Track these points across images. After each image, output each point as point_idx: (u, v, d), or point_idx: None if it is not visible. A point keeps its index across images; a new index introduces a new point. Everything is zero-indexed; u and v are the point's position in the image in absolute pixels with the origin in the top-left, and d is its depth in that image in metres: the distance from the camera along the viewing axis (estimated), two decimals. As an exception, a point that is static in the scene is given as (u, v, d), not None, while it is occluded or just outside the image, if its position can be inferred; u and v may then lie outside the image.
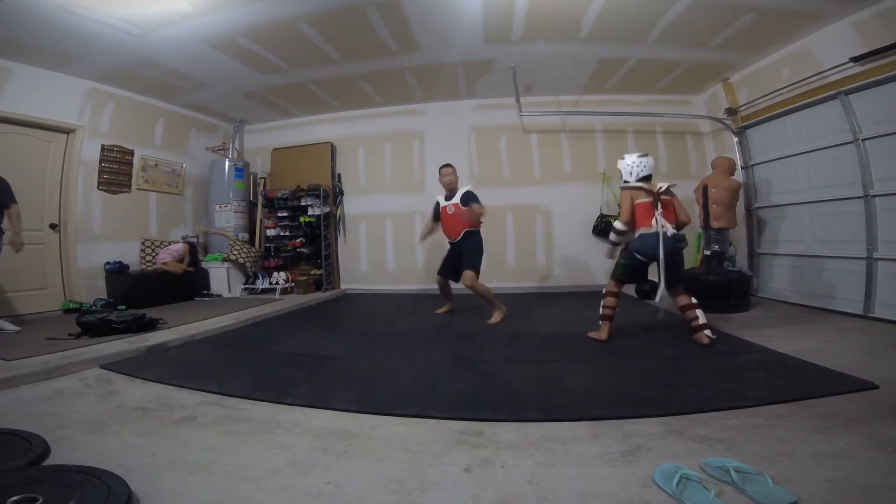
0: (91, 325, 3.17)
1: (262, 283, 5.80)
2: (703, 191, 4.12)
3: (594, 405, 1.87)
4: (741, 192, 4.31)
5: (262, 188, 6.42)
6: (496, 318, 3.71)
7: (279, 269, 6.04)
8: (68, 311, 4.25)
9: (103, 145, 4.85)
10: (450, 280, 4.02)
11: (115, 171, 4.99)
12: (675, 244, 2.80)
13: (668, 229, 2.79)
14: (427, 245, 5.94)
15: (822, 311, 3.78)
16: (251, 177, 6.51)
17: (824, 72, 3.75)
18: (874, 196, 3.48)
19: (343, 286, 6.28)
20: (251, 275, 5.91)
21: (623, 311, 3.52)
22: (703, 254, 4.31)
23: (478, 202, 3.73)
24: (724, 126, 5.11)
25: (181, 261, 5.30)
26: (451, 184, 3.89)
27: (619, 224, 2.94)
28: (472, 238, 3.78)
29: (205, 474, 1.39)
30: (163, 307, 4.53)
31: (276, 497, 1.26)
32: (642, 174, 2.92)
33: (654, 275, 3.01)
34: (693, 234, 5.03)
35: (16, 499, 1.13)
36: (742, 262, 4.61)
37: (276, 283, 5.74)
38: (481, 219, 3.77)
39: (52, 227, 4.51)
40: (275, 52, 4.32)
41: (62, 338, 3.05)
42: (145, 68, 4.48)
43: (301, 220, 6.00)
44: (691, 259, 5.05)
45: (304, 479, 1.35)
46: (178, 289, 5.14)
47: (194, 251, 5.59)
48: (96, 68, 4.38)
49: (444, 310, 4.21)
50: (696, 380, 2.14)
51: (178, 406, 2.00)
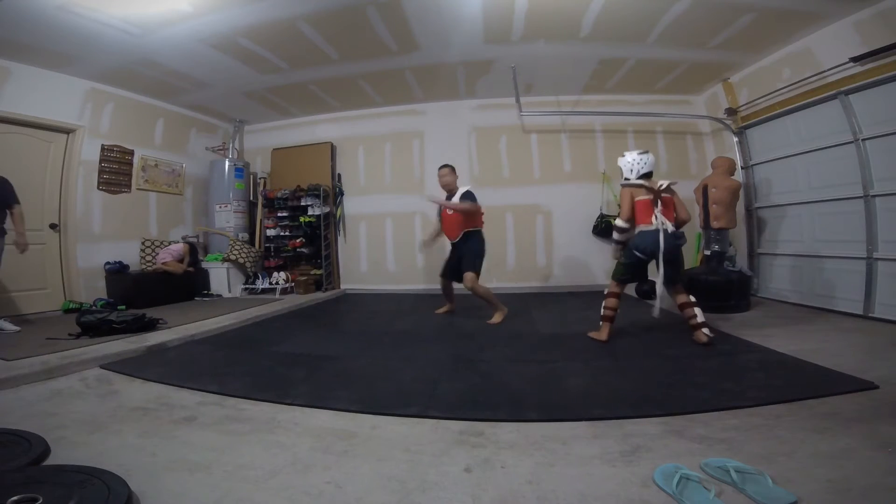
0: (91, 325, 3.17)
1: (262, 283, 5.80)
2: (703, 191, 4.12)
3: (594, 405, 1.87)
4: (741, 192, 4.31)
5: (262, 188, 6.42)
6: (497, 318, 3.71)
7: (279, 269, 6.04)
8: (68, 311, 4.25)
9: (103, 145, 4.85)
10: (452, 281, 4.03)
11: (115, 171, 4.99)
12: (674, 241, 2.81)
13: (668, 226, 2.79)
14: (422, 240, 5.96)
15: (822, 311, 3.78)
16: (251, 177, 6.51)
17: (824, 72, 3.75)
18: (874, 196, 3.48)
19: (343, 286, 6.28)
20: (251, 275, 5.91)
21: (623, 311, 3.51)
22: (703, 254, 4.31)
23: (472, 201, 3.73)
24: (724, 126, 5.11)
25: (181, 261, 5.31)
26: (449, 184, 3.88)
27: (619, 222, 2.97)
28: (472, 239, 3.78)
29: (205, 474, 1.39)
30: (163, 307, 4.53)
31: (276, 497, 1.26)
32: (643, 171, 2.92)
33: (654, 274, 3.01)
34: (693, 234, 5.03)
35: (16, 499, 1.13)
36: (742, 262, 4.61)
37: (276, 283, 5.75)
38: (480, 218, 3.77)
39: (52, 227, 4.51)
40: (275, 52, 4.32)
41: (62, 338, 3.05)
42: (145, 68, 4.48)
43: (301, 220, 6.00)
44: (691, 259, 5.06)
45: (304, 479, 1.35)
46: (178, 289, 5.14)
47: (194, 251, 5.59)
48: (96, 68, 4.38)
49: (444, 310, 4.21)
50: (696, 380, 2.14)
51: (178, 406, 2.00)
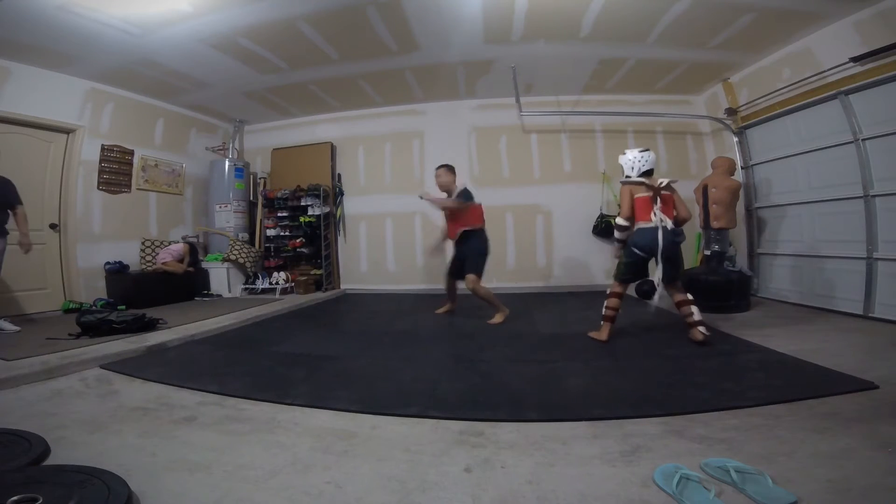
0: (91, 325, 3.17)
1: (262, 283, 5.80)
2: (703, 191, 4.12)
3: (594, 405, 1.87)
4: (741, 192, 4.31)
5: (262, 188, 6.42)
6: (497, 319, 3.70)
7: (279, 269, 6.03)
8: (68, 311, 4.25)
9: (103, 145, 4.85)
10: (456, 280, 4.01)
11: (115, 171, 4.99)
12: (673, 238, 2.81)
13: (667, 223, 2.79)
14: (427, 245, 5.95)
15: (822, 311, 3.78)
16: (251, 177, 6.51)
17: (824, 72, 3.75)
18: (874, 196, 3.48)
19: (343, 286, 6.28)
20: (251, 275, 5.91)
21: (623, 311, 3.51)
22: (703, 254, 4.31)
23: (465, 199, 3.74)
24: (724, 126, 5.11)
25: (181, 261, 5.31)
26: (445, 185, 3.88)
27: (619, 220, 2.98)
28: (472, 239, 3.76)
29: (205, 474, 1.39)
30: (163, 307, 4.53)
31: (276, 497, 1.26)
32: (644, 169, 2.92)
33: (655, 274, 3.01)
34: (693, 234, 5.03)
35: (16, 499, 1.13)
36: (742, 262, 4.61)
37: (276, 283, 5.74)
38: (478, 217, 3.76)
39: (52, 227, 4.51)
40: (275, 52, 4.32)
41: (62, 338, 3.05)
42: (145, 68, 4.48)
43: (301, 220, 6.01)
44: (691, 259, 5.06)
45: (304, 479, 1.35)
46: (178, 289, 5.14)
47: (194, 251, 5.59)
48: (96, 68, 4.38)
49: (444, 310, 4.20)
50: (696, 380, 2.14)
51: (178, 406, 2.00)
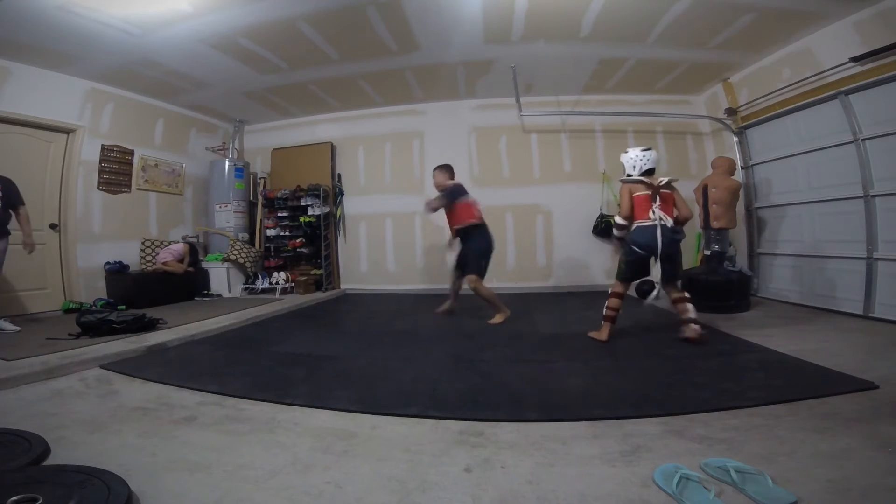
0: (91, 325, 3.17)
1: (262, 283, 5.80)
2: (703, 191, 4.12)
3: (594, 405, 1.87)
4: (741, 192, 4.31)
5: (262, 188, 6.42)
6: (497, 319, 3.70)
7: (279, 269, 6.03)
8: (68, 311, 4.24)
9: (103, 145, 4.85)
10: (461, 277, 3.97)
11: (115, 171, 4.99)
12: (672, 236, 2.81)
13: (667, 222, 2.79)
14: (427, 245, 5.97)
15: (822, 311, 3.78)
16: (251, 177, 6.51)
17: (824, 72, 3.75)
18: (874, 196, 3.48)
19: (343, 286, 6.28)
20: (251, 275, 5.90)
21: (623, 311, 3.51)
22: (703, 254, 4.31)
23: (448, 196, 3.73)
24: (724, 126, 5.11)
25: (181, 261, 5.31)
26: (439, 185, 3.91)
27: (618, 218, 3.01)
28: (473, 238, 3.75)
29: (205, 474, 1.39)
30: (163, 307, 4.53)
31: (276, 497, 1.26)
32: (645, 168, 2.92)
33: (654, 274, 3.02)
34: (693, 234, 5.03)
35: (16, 499, 1.13)
36: (742, 262, 4.61)
37: (276, 283, 5.74)
38: (470, 213, 3.75)
39: (52, 227, 4.51)
40: (275, 52, 4.32)
41: (62, 338, 3.05)
42: (145, 68, 4.48)
43: (301, 220, 6.00)
44: (691, 259, 5.06)
45: (304, 479, 1.35)
46: (178, 289, 5.14)
47: (194, 251, 5.59)
48: (96, 68, 4.38)
49: (445, 308, 4.16)
50: (696, 380, 2.14)
51: (178, 406, 2.00)
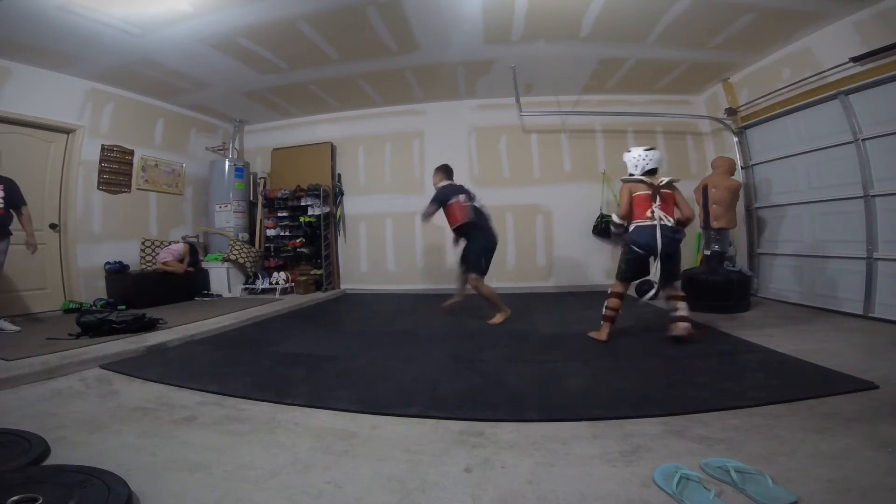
0: (91, 325, 3.17)
1: (262, 283, 5.80)
2: (703, 191, 4.12)
3: (594, 405, 1.87)
4: (741, 192, 4.31)
5: (262, 188, 6.42)
6: (497, 319, 3.70)
7: (279, 269, 6.03)
8: (68, 311, 4.24)
9: (103, 145, 4.85)
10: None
11: (115, 171, 4.99)
12: (672, 236, 2.80)
13: (666, 221, 2.79)
14: (427, 245, 5.97)
15: (822, 311, 3.78)
16: (251, 177, 6.51)
17: (824, 72, 3.75)
18: (874, 196, 3.48)
19: (343, 286, 6.28)
20: (251, 275, 5.90)
21: (623, 311, 3.51)
22: (703, 254, 4.31)
23: (433, 201, 3.73)
24: (724, 126, 5.11)
25: (181, 261, 5.31)
26: (435, 187, 3.89)
27: (615, 217, 3.04)
28: (470, 238, 3.74)
29: (205, 474, 1.39)
30: (163, 307, 4.53)
31: (276, 497, 1.26)
32: (647, 167, 2.91)
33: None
34: (693, 234, 5.03)
35: (16, 499, 1.13)
36: (742, 262, 4.61)
37: (276, 283, 5.74)
38: (455, 215, 3.70)
39: (52, 227, 4.51)
40: (275, 52, 4.32)
41: (62, 338, 3.05)
42: (145, 68, 4.48)
43: (301, 220, 6.00)
44: (691, 259, 5.05)
45: (304, 479, 1.35)
46: (178, 289, 5.14)
47: (194, 251, 5.59)
48: (96, 68, 4.37)
49: (451, 303, 4.00)
50: (696, 380, 2.14)
51: (178, 406, 2.00)
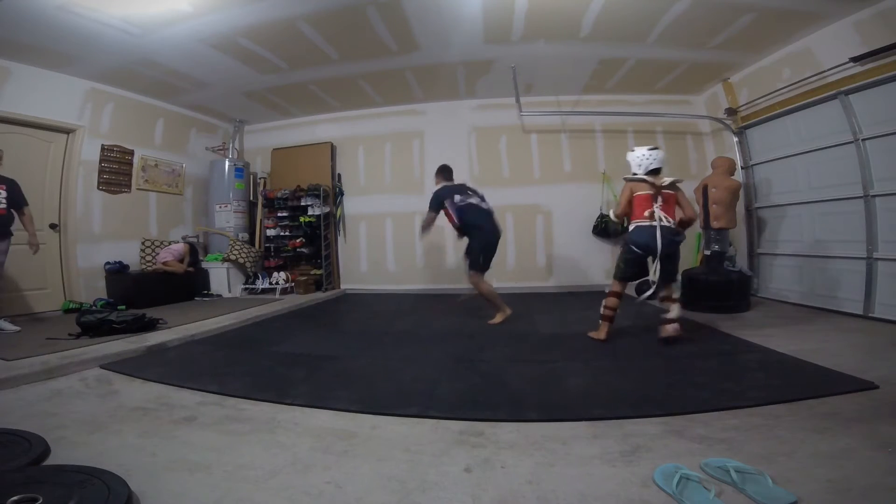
0: (91, 325, 3.17)
1: (262, 283, 5.80)
2: (703, 191, 4.12)
3: (594, 405, 1.87)
4: (741, 192, 4.31)
5: (262, 188, 6.42)
6: (497, 318, 3.70)
7: (279, 269, 6.03)
8: (68, 311, 4.24)
9: (103, 145, 4.85)
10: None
11: (115, 171, 4.99)
12: (672, 238, 2.80)
13: (667, 222, 2.78)
14: (427, 245, 5.97)
15: (822, 311, 3.78)
16: (251, 177, 6.51)
17: (824, 72, 3.75)
18: (874, 196, 3.48)
19: (343, 286, 6.28)
20: (251, 275, 5.90)
21: (623, 311, 3.51)
22: (703, 254, 4.31)
23: (436, 204, 3.72)
24: (724, 126, 5.11)
25: (181, 260, 5.31)
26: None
27: (612, 216, 3.14)
28: (470, 235, 3.73)
29: (205, 474, 1.39)
30: (163, 307, 4.52)
31: (276, 497, 1.26)
32: (651, 167, 2.89)
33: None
34: (693, 234, 5.03)
35: (16, 499, 1.13)
36: (742, 262, 4.61)
37: (276, 283, 5.74)
38: (451, 218, 3.72)
39: (52, 227, 4.51)
40: (275, 52, 4.32)
41: (62, 338, 3.05)
42: (145, 68, 4.48)
43: (301, 220, 6.00)
44: (691, 259, 5.05)
45: (304, 479, 1.35)
46: (178, 289, 5.14)
47: (194, 251, 5.59)
48: (96, 68, 4.37)
49: (465, 297, 3.92)
50: (696, 380, 2.14)
51: (178, 406, 2.00)
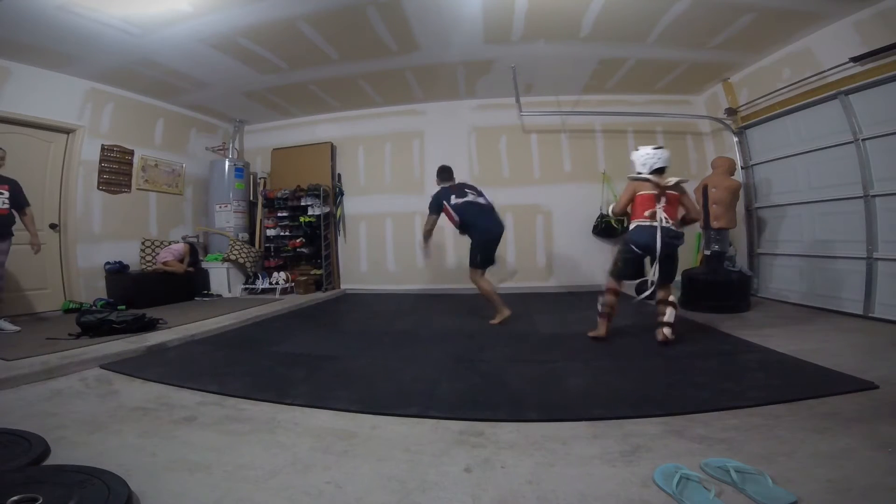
0: (91, 325, 3.17)
1: (262, 283, 5.80)
2: (703, 191, 4.11)
3: (594, 405, 1.87)
4: (741, 192, 4.31)
5: (262, 188, 6.42)
6: (498, 318, 3.69)
7: (279, 269, 6.03)
8: (68, 311, 4.24)
9: (103, 145, 4.85)
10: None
11: (115, 171, 4.99)
12: (671, 241, 2.80)
13: (667, 223, 2.78)
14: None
15: (822, 311, 3.78)
16: (251, 177, 6.51)
17: (824, 72, 3.75)
18: (874, 196, 3.48)
19: (343, 286, 6.28)
20: (251, 275, 5.90)
21: (623, 311, 3.52)
22: (703, 254, 4.31)
23: (435, 208, 3.70)
24: (724, 126, 5.11)
25: (182, 260, 5.31)
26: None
27: (610, 213, 3.17)
28: (469, 234, 3.73)
29: (205, 474, 1.39)
30: (163, 307, 4.52)
31: (276, 497, 1.26)
32: (656, 166, 2.88)
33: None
34: (693, 234, 5.03)
35: (16, 499, 1.13)
36: (742, 262, 4.61)
37: (276, 283, 5.74)
38: (451, 218, 3.69)
39: (52, 227, 4.51)
40: (275, 52, 4.32)
41: (62, 338, 3.05)
42: (145, 68, 4.48)
43: (301, 220, 6.00)
44: (691, 259, 5.05)
45: (304, 479, 1.35)
46: (178, 289, 5.14)
47: (194, 251, 5.59)
48: (96, 68, 4.37)
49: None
50: (696, 380, 2.14)
51: (178, 406, 2.00)
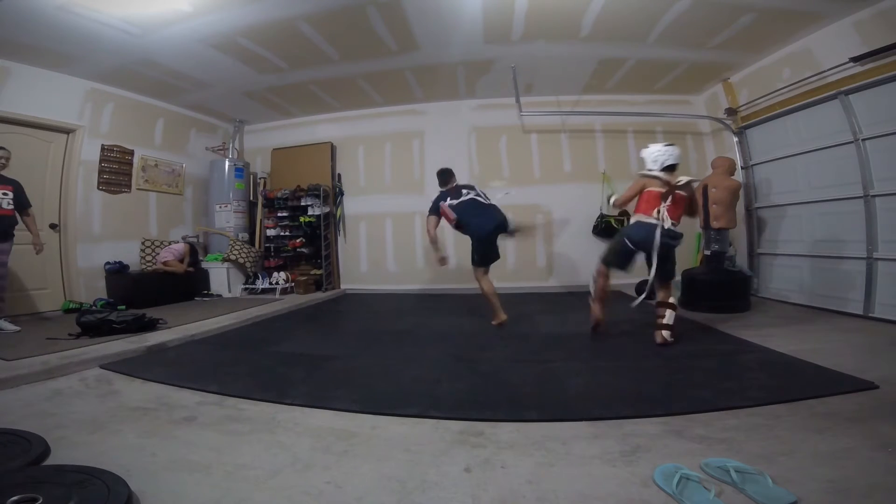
0: (91, 325, 3.17)
1: (262, 283, 5.80)
2: (703, 191, 4.11)
3: (594, 405, 1.87)
4: (741, 192, 4.31)
5: (262, 188, 6.42)
6: (496, 320, 3.66)
7: (279, 269, 6.03)
8: (68, 311, 4.24)
9: (103, 145, 4.85)
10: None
11: (115, 171, 4.99)
12: (669, 242, 2.80)
13: (667, 223, 2.78)
14: (427, 245, 5.95)
15: (822, 311, 3.78)
16: (251, 177, 6.51)
17: (824, 72, 3.75)
18: (874, 196, 3.48)
19: (343, 286, 6.28)
20: (251, 275, 5.90)
21: (623, 310, 3.52)
22: (703, 254, 4.31)
23: (435, 210, 3.65)
24: (724, 126, 5.11)
25: (182, 260, 5.31)
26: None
27: (611, 202, 3.19)
28: (468, 234, 3.73)
29: (205, 474, 1.39)
30: (163, 307, 4.52)
31: (276, 497, 1.26)
32: (667, 163, 2.87)
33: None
34: (693, 234, 5.03)
35: (16, 499, 1.13)
36: (742, 262, 4.61)
37: (276, 283, 5.74)
38: (450, 218, 3.63)
39: (52, 227, 4.50)
40: (275, 52, 4.32)
41: (62, 338, 3.05)
42: (145, 68, 4.48)
43: (301, 220, 6.00)
44: (691, 259, 5.06)
45: (304, 479, 1.35)
46: (178, 289, 5.14)
47: (194, 251, 5.59)
48: (96, 68, 4.37)
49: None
50: (696, 380, 2.14)
51: (178, 406, 2.00)
